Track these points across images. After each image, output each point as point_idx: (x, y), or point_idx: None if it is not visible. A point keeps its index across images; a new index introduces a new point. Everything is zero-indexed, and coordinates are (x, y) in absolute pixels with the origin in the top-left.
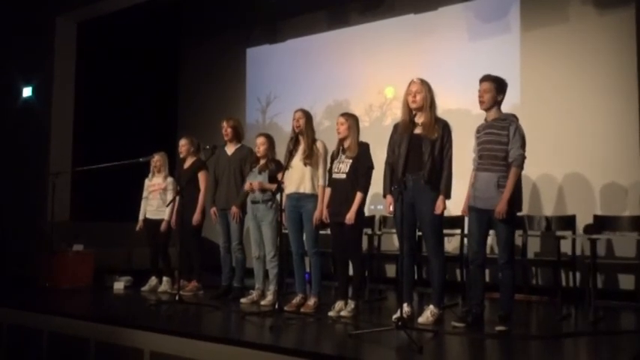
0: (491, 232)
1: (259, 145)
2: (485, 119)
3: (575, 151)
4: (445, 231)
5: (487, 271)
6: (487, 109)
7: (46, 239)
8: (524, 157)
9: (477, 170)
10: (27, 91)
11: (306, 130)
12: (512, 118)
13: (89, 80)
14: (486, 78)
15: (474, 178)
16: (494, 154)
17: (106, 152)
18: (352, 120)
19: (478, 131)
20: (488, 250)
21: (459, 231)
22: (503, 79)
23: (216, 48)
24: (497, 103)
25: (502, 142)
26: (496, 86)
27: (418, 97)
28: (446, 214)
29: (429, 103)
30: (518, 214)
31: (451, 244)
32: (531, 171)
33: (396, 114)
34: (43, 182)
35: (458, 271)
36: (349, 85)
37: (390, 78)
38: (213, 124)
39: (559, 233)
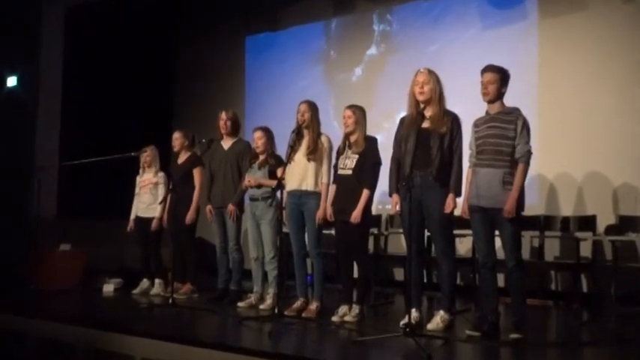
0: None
1: (257, 140)
2: (487, 112)
3: (597, 147)
4: (456, 231)
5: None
6: (491, 102)
7: (32, 238)
8: (531, 153)
9: (477, 166)
10: (12, 81)
11: (311, 123)
12: (518, 112)
13: (78, 69)
14: (490, 68)
15: (473, 174)
16: (499, 149)
17: (95, 146)
18: (359, 113)
19: (477, 125)
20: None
21: (470, 231)
22: (506, 69)
23: (214, 36)
24: (501, 95)
25: (508, 136)
26: (500, 77)
27: (426, 89)
28: (456, 212)
29: (438, 95)
30: (523, 213)
31: (463, 246)
32: (548, 168)
33: None
34: (28, 177)
35: (470, 275)
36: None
37: (397, 68)
38: (210, 116)
39: (578, 234)
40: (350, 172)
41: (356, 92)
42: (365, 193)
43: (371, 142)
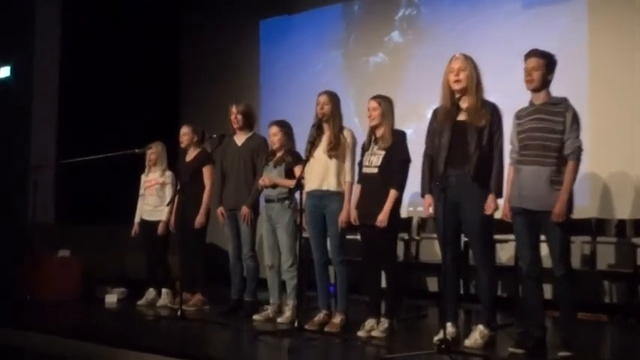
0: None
1: (272, 136)
2: (531, 102)
3: None
4: (496, 236)
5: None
6: (536, 90)
7: (27, 244)
8: (582, 149)
9: (520, 163)
10: (4, 72)
11: (332, 116)
12: (567, 103)
13: (77, 59)
14: (534, 53)
15: (515, 172)
16: (546, 144)
17: (96, 142)
18: (386, 104)
19: (519, 117)
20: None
21: (513, 236)
22: (553, 54)
23: (225, 20)
24: (547, 83)
25: (556, 130)
26: (546, 63)
27: (462, 76)
28: (496, 215)
29: (475, 84)
30: (573, 216)
31: (505, 253)
32: (601, 165)
33: None
34: (22, 177)
35: (513, 285)
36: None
37: (425, 55)
38: (221, 108)
39: (635, 240)
40: (376, 170)
41: (380, 82)
42: (392, 193)
43: (399, 137)
